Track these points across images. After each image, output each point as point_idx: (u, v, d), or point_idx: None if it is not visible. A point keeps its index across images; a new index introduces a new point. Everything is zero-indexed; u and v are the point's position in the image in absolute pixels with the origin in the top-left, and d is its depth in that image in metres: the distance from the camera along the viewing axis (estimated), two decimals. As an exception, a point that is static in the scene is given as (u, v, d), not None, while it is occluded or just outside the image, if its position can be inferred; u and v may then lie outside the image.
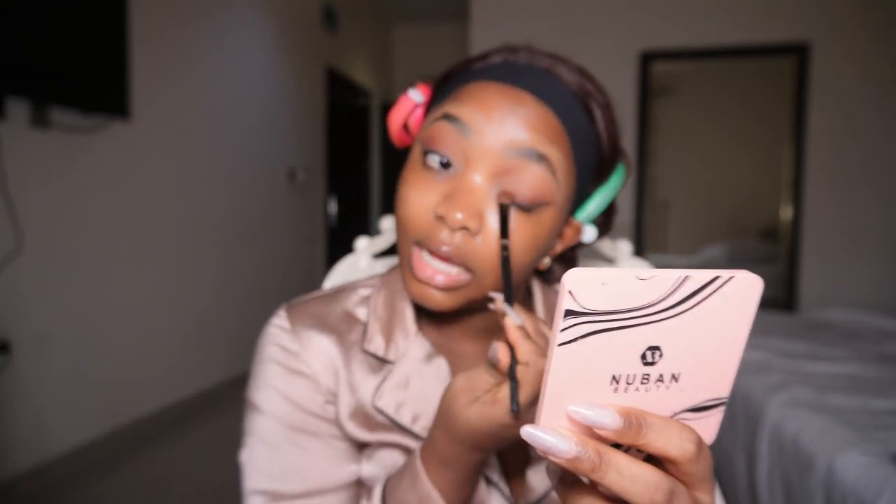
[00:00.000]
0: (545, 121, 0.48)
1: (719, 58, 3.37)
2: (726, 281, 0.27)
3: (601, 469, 0.28)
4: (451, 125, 0.48)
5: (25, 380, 2.06)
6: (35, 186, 2.08)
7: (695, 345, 0.29)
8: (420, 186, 0.49)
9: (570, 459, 0.28)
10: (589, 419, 0.28)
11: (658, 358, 0.29)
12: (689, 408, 0.31)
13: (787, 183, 3.33)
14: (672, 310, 0.28)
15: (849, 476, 1.17)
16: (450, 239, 0.47)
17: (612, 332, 0.28)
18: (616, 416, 0.28)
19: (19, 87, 1.95)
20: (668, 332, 0.28)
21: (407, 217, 0.49)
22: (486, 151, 0.47)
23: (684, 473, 0.29)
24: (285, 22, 3.79)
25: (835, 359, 1.88)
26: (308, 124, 4.17)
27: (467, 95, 0.49)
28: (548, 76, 0.50)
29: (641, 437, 0.28)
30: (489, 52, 0.54)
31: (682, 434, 0.29)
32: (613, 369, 0.29)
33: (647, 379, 0.29)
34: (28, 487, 2.06)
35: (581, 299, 0.27)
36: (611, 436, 0.28)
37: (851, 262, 3.24)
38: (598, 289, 0.27)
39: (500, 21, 3.48)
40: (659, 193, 3.55)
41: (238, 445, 0.57)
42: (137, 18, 2.46)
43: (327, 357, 0.56)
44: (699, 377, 0.30)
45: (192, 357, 2.96)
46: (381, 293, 0.60)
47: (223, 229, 3.19)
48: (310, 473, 0.54)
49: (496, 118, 0.47)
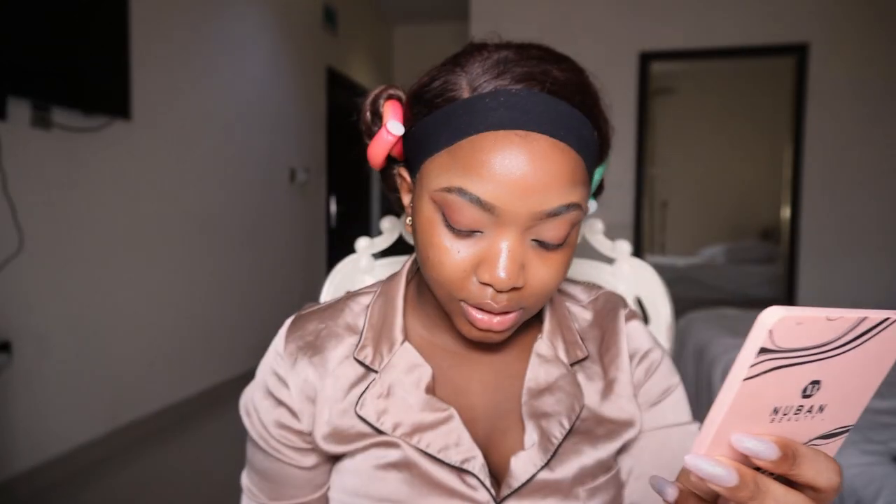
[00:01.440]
0: (567, 166, 0.46)
1: (718, 58, 3.38)
2: (893, 322, 0.29)
3: (759, 497, 0.29)
4: (470, 203, 0.46)
5: (25, 380, 2.07)
6: (35, 187, 2.09)
7: (847, 379, 0.30)
8: (452, 251, 0.48)
9: (731, 488, 0.29)
10: (753, 451, 0.29)
11: (816, 391, 0.30)
12: (822, 435, 0.32)
13: (786, 183, 3.34)
14: (843, 347, 0.29)
15: (847, 475, 1.18)
16: (499, 299, 0.48)
17: (790, 367, 0.29)
18: (776, 449, 0.29)
19: (20, 87, 1.95)
20: (832, 367, 0.29)
21: (447, 282, 0.49)
22: (515, 219, 0.46)
23: (823, 500, 0.31)
24: (285, 22, 3.79)
25: (834, 358, 1.88)
26: (308, 124, 4.17)
27: (476, 161, 0.45)
28: (551, 100, 0.46)
29: (795, 467, 0.30)
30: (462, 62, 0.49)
31: (829, 466, 0.30)
32: (777, 402, 0.30)
33: (800, 410, 0.30)
34: (28, 487, 2.06)
35: (777, 338, 0.27)
36: (767, 466, 0.30)
37: (850, 262, 3.24)
38: (793, 328, 0.27)
39: (500, 21, 3.48)
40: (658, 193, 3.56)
41: (238, 446, 0.60)
42: (138, 19, 2.46)
43: (309, 384, 0.58)
44: (840, 408, 0.31)
45: (192, 357, 2.97)
46: (378, 301, 0.61)
47: (223, 229, 3.20)
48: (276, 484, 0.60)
49: (518, 188, 0.45)
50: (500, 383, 0.58)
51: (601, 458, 0.56)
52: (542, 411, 0.55)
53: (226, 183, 3.20)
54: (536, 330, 0.61)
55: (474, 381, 0.58)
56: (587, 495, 0.54)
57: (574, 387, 0.57)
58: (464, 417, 0.55)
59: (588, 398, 0.58)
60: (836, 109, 3.21)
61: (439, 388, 0.57)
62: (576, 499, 0.54)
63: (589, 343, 0.62)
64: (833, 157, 3.23)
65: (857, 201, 3.22)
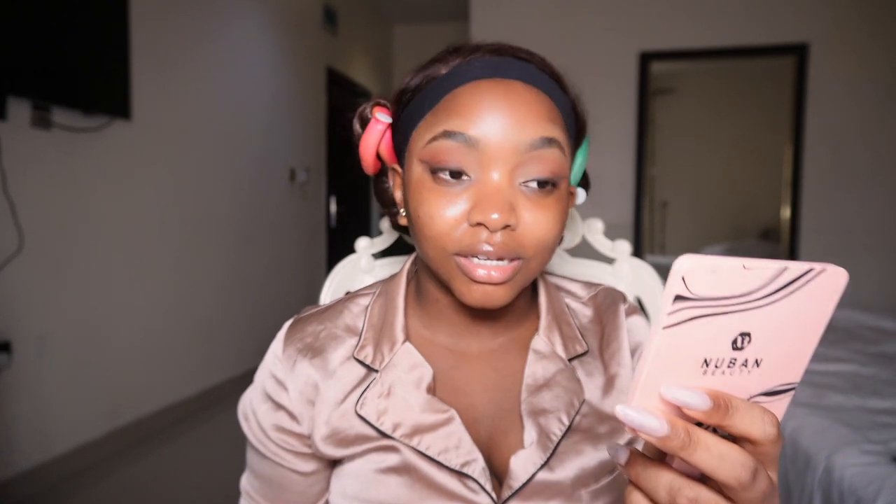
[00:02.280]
0: (542, 104, 0.50)
1: (718, 58, 3.38)
2: (818, 274, 0.29)
3: (690, 447, 0.29)
4: (455, 141, 0.48)
5: (25, 380, 2.07)
6: (36, 186, 2.09)
7: (780, 332, 0.30)
8: (440, 201, 0.49)
9: (662, 438, 0.29)
10: (681, 400, 0.29)
11: (747, 344, 0.30)
12: (765, 391, 0.32)
13: (786, 183, 3.34)
14: (767, 298, 0.29)
15: (847, 475, 1.18)
16: (492, 240, 0.48)
17: (711, 317, 0.29)
18: (706, 399, 0.29)
19: (20, 87, 1.95)
20: (760, 319, 0.29)
21: (439, 234, 0.49)
22: (499, 153, 0.48)
23: (762, 454, 0.31)
24: (285, 22, 3.79)
25: (833, 358, 1.89)
26: (308, 124, 4.17)
27: (459, 104, 0.49)
28: (519, 62, 0.51)
29: (728, 418, 0.30)
30: (440, 58, 0.53)
31: (765, 417, 0.30)
32: (706, 353, 0.30)
33: (734, 363, 0.30)
34: (28, 487, 2.06)
35: (691, 285, 0.28)
36: (699, 417, 0.30)
37: (850, 261, 3.24)
38: (707, 276, 0.28)
39: (499, 21, 3.48)
40: (658, 193, 3.55)
41: (238, 446, 0.60)
42: (138, 19, 2.47)
43: (308, 380, 0.58)
44: (778, 363, 0.31)
45: (192, 357, 2.97)
46: (378, 302, 0.61)
47: (223, 229, 3.20)
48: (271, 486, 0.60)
49: (499, 118, 0.48)
50: (500, 382, 0.58)
51: (603, 458, 0.55)
52: (541, 408, 0.55)
53: (226, 183, 3.20)
54: (535, 327, 0.61)
55: (474, 380, 0.58)
56: (590, 498, 0.54)
57: (572, 382, 0.57)
58: (465, 418, 0.55)
59: (589, 394, 0.58)
60: (836, 109, 3.21)
61: (440, 388, 0.57)
62: (578, 501, 0.53)
63: (589, 338, 0.61)
64: (833, 157, 3.23)
65: (858, 201, 3.22)
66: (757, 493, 0.30)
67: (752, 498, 0.30)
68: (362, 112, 0.60)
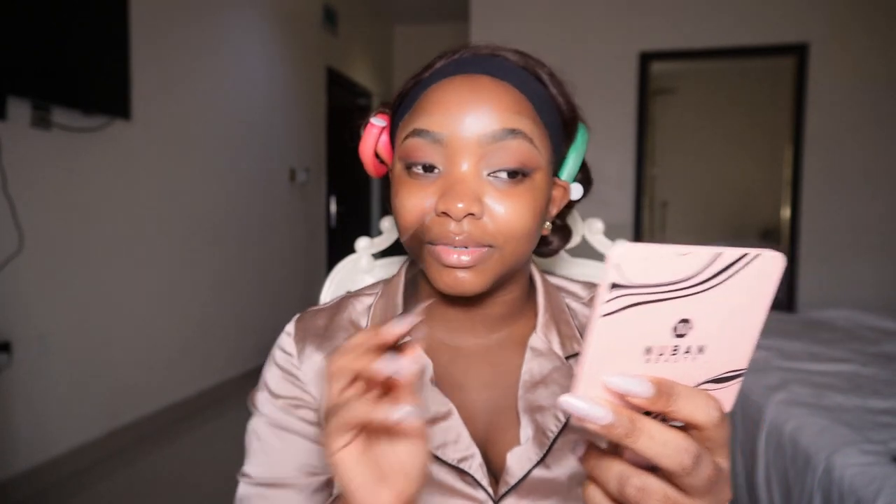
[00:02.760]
0: (507, 94, 0.51)
1: (718, 58, 3.38)
2: (754, 258, 0.29)
3: (634, 434, 0.30)
4: (423, 139, 0.51)
5: (25, 380, 2.07)
6: (35, 186, 2.09)
7: (721, 318, 0.30)
8: (413, 193, 0.52)
9: (606, 426, 0.30)
10: (623, 388, 0.30)
11: (688, 330, 0.30)
12: (712, 378, 0.32)
13: (786, 183, 3.34)
14: (704, 284, 0.29)
15: (847, 475, 1.18)
16: (459, 229, 0.50)
17: (649, 304, 0.29)
18: (649, 385, 0.30)
19: (20, 87, 1.95)
20: (699, 305, 0.30)
21: (411, 223, 0.52)
22: (464, 145, 0.50)
23: (707, 439, 0.31)
24: (285, 22, 3.79)
25: (833, 359, 1.89)
26: (308, 124, 4.17)
27: (428, 102, 0.52)
28: (493, 58, 0.54)
29: (671, 405, 0.30)
30: (432, 62, 0.56)
31: (708, 403, 0.31)
32: (647, 341, 0.30)
33: (677, 350, 0.31)
34: (28, 487, 2.06)
35: (625, 273, 0.28)
36: (643, 404, 0.30)
37: (850, 262, 3.24)
38: (640, 263, 0.28)
39: (499, 21, 3.48)
40: (658, 193, 3.55)
41: (238, 446, 0.62)
42: (138, 19, 2.46)
43: (319, 366, 0.60)
44: (722, 349, 0.32)
45: (191, 357, 2.97)
46: (380, 302, 0.63)
47: (223, 229, 3.20)
48: (280, 466, 0.58)
49: (462, 113, 0.50)
50: (498, 379, 0.59)
51: None
52: (537, 405, 0.56)
53: (226, 183, 3.20)
54: (532, 325, 0.61)
55: (472, 376, 0.59)
56: None
57: (569, 379, 0.57)
58: (462, 414, 0.55)
59: None
60: (836, 109, 3.21)
61: (438, 383, 0.58)
62: (576, 499, 0.54)
63: None
64: (833, 157, 3.23)
65: (858, 201, 3.22)
66: (701, 479, 0.30)
67: (696, 484, 0.30)
68: (367, 118, 0.63)
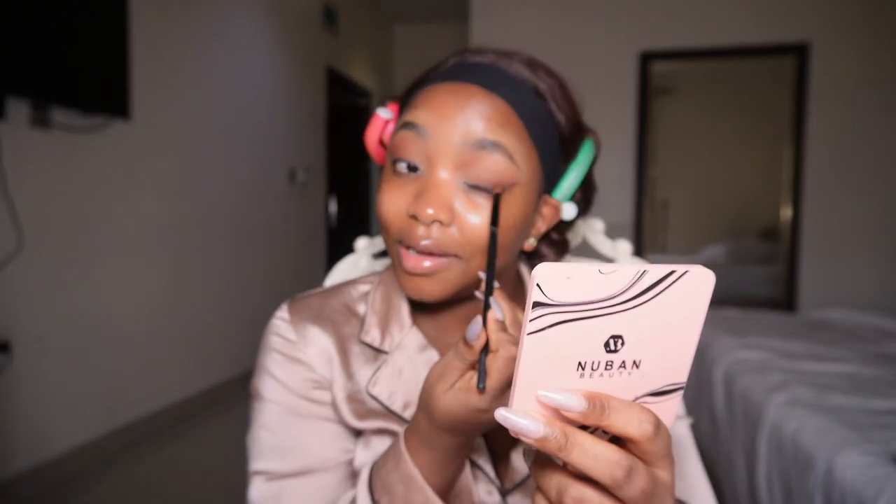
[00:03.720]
0: (495, 109, 0.51)
1: (719, 58, 3.38)
2: (681, 275, 0.30)
3: (567, 448, 0.30)
4: (411, 131, 0.52)
5: (25, 380, 2.07)
6: (35, 186, 2.08)
7: (654, 334, 0.31)
8: (393, 191, 0.53)
9: (539, 439, 0.30)
10: (556, 402, 0.30)
11: (620, 346, 0.31)
12: (650, 392, 0.33)
13: (787, 183, 3.33)
14: (632, 301, 0.30)
15: (848, 475, 1.17)
16: (426, 233, 0.51)
17: (577, 321, 0.30)
18: (581, 400, 0.30)
19: (19, 87, 1.95)
20: (629, 321, 0.30)
21: (386, 219, 0.53)
22: (445, 149, 0.51)
23: (644, 452, 0.32)
24: (285, 22, 3.79)
25: (834, 359, 1.88)
26: (308, 124, 4.17)
27: (422, 100, 0.53)
28: (493, 69, 0.54)
29: (604, 418, 0.31)
30: (444, 59, 0.57)
31: (641, 416, 0.31)
32: (579, 356, 0.31)
33: (611, 365, 0.31)
34: (28, 487, 2.06)
35: (548, 292, 0.29)
36: (577, 418, 0.31)
37: (851, 262, 3.24)
38: (563, 282, 0.29)
39: (500, 21, 3.48)
40: (658, 193, 3.55)
41: (238, 446, 0.59)
42: (138, 18, 2.46)
43: (321, 346, 0.59)
44: (659, 364, 0.32)
45: (191, 357, 2.96)
46: (380, 289, 0.63)
47: (223, 229, 3.19)
48: (305, 453, 0.57)
49: (448, 116, 0.51)
50: None
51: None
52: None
53: (225, 183, 3.20)
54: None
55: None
56: None
57: None
58: None
59: None
60: (836, 109, 3.21)
61: None
62: None
63: None
64: (834, 157, 3.23)
65: (859, 201, 3.21)
66: (635, 491, 0.31)
67: (630, 495, 0.31)
68: (379, 105, 0.64)
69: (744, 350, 1.97)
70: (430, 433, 0.47)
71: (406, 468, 0.48)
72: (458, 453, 0.49)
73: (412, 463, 0.48)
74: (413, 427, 0.49)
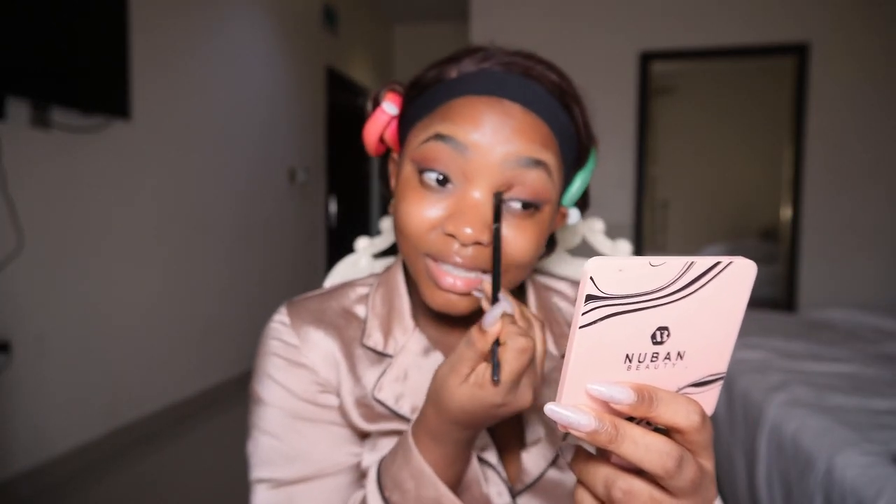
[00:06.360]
0: (536, 129, 0.50)
1: (719, 58, 3.37)
2: (726, 266, 0.30)
3: (618, 440, 0.30)
4: (446, 144, 0.50)
5: (25, 380, 2.06)
6: (35, 186, 2.08)
7: (698, 324, 0.32)
8: (420, 202, 0.51)
9: (590, 433, 0.30)
10: (606, 395, 0.31)
11: (666, 337, 0.31)
12: (692, 383, 0.34)
13: (787, 183, 3.33)
14: (679, 293, 0.30)
15: (848, 475, 1.17)
16: (462, 252, 0.50)
17: (626, 314, 0.30)
18: (630, 392, 0.30)
19: (19, 87, 1.95)
20: (676, 313, 0.31)
21: (413, 233, 0.51)
22: (485, 168, 0.49)
23: (690, 442, 0.32)
24: (285, 22, 3.79)
25: (834, 359, 1.88)
26: (308, 124, 4.17)
27: (456, 113, 0.50)
28: (527, 81, 0.52)
29: (653, 410, 0.31)
30: (457, 56, 0.54)
31: (689, 406, 0.32)
32: (627, 349, 0.31)
33: (656, 357, 0.32)
34: (28, 487, 2.06)
35: (601, 285, 0.29)
36: (625, 410, 0.31)
37: (851, 262, 3.24)
38: (615, 275, 0.29)
39: (500, 21, 3.48)
40: (659, 193, 3.55)
41: (238, 446, 0.59)
42: (138, 18, 2.46)
43: (325, 350, 0.58)
44: (701, 354, 0.33)
45: (191, 357, 2.96)
46: (379, 291, 0.62)
47: (223, 229, 3.19)
48: (310, 459, 0.56)
49: (489, 134, 0.49)
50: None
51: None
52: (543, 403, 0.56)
53: (225, 183, 3.20)
54: None
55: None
56: None
57: None
58: None
59: None
60: (836, 109, 3.20)
61: None
62: None
63: None
64: (834, 157, 3.22)
65: (859, 201, 3.21)
66: (685, 481, 0.31)
67: (681, 485, 0.31)
68: (376, 95, 0.61)
69: (744, 350, 1.97)
70: (441, 427, 0.47)
71: (416, 463, 0.48)
72: (468, 446, 0.50)
73: (422, 458, 0.48)
74: (422, 422, 0.48)
